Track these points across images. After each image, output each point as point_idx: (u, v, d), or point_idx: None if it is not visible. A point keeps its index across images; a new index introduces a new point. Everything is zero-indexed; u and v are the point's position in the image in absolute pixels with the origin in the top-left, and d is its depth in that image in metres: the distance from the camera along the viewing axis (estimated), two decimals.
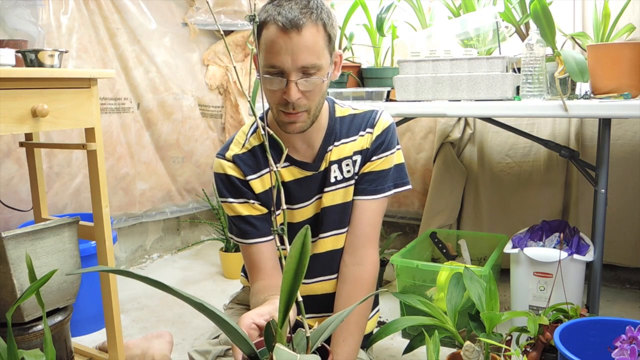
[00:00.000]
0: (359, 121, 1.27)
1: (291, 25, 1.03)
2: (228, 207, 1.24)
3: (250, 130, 1.26)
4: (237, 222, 1.24)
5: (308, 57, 1.06)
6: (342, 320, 0.82)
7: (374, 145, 1.25)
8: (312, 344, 0.76)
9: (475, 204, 2.44)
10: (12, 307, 1.08)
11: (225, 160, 1.23)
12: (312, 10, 1.06)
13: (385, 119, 1.27)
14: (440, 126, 2.43)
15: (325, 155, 1.25)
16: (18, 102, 1.24)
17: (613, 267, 2.28)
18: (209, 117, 2.99)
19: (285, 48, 1.04)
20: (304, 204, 1.27)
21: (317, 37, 1.06)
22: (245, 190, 1.22)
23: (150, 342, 1.71)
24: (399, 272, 1.86)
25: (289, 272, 0.71)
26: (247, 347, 0.76)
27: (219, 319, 0.72)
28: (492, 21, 1.73)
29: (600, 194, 1.62)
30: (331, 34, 1.10)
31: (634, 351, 1.01)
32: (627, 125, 2.12)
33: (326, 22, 1.08)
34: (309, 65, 1.06)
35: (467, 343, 1.26)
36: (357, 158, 1.26)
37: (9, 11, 1.62)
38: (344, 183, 1.26)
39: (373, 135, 1.25)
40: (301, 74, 1.07)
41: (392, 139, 1.27)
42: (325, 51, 1.09)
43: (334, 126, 1.25)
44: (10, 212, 2.08)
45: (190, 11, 2.82)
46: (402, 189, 1.28)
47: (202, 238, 3.08)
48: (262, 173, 1.23)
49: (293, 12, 1.04)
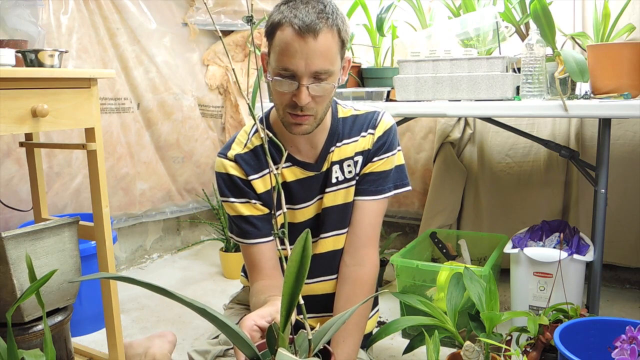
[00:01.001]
0: (360, 122, 1.27)
1: (308, 29, 1.02)
2: (229, 207, 1.24)
3: (253, 130, 1.26)
4: (238, 222, 1.24)
5: (322, 63, 1.05)
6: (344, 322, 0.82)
7: (375, 146, 1.25)
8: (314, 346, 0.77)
9: (475, 204, 2.44)
10: (12, 307, 1.08)
11: (227, 160, 1.23)
12: (329, 16, 1.05)
13: (387, 120, 1.27)
14: (440, 126, 2.43)
15: (327, 156, 1.25)
16: (18, 102, 1.24)
17: (613, 267, 2.28)
18: (209, 117, 2.99)
19: (300, 52, 1.04)
20: (306, 204, 1.27)
21: (331, 43, 1.06)
22: (247, 190, 1.22)
23: (152, 341, 1.71)
24: (399, 272, 1.86)
25: (290, 276, 0.71)
26: (249, 350, 0.76)
27: (221, 323, 0.72)
28: (492, 21, 1.73)
29: (600, 194, 1.62)
30: (345, 39, 1.10)
31: (634, 351, 1.01)
32: (627, 125, 2.12)
33: (341, 28, 1.08)
34: (322, 70, 1.06)
35: (467, 343, 1.26)
36: (359, 159, 1.26)
37: (9, 11, 1.62)
38: (345, 184, 1.26)
39: (375, 136, 1.25)
40: (313, 78, 1.07)
41: (393, 140, 1.27)
42: (338, 57, 1.09)
43: (336, 127, 1.25)
44: (10, 212, 2.08)
45: (190, 11, 2.82)
46: (402, 190, 1.29)
47: (202, 238, 3.08)
48: (264, 173, 1.22)
49: (310, 17, 1.03)
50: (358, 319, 1.23)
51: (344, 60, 1.14)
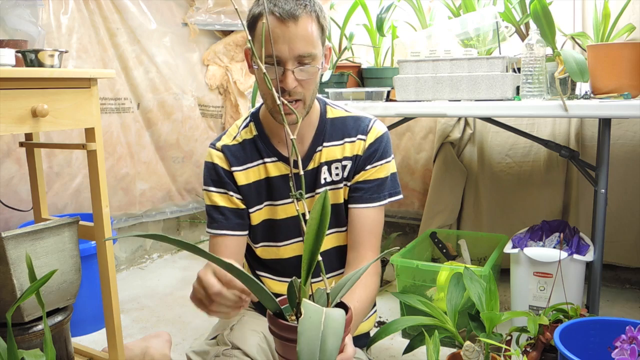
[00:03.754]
0: (350, 124, 1.28)
1: (288, 15, 1.07)
2: (207, 196, 1.26)
3: (243, 124, 1.29)
4: (211, 211, 1.26)
5: (304, 46, 1.09)
6: (359, 278, 0.85)
7: (367, 153, 1.26)
8: (331, 300, 0.79)
9: (475, 204, 2.44)
10: (12, 307, 1.08)
11: (215, 150, 1.26)
12: (307, 3, 1.10)
13: (379, 128, 1.28)
14: (440, 126, 2.43)
15: (314, 156, 1.26)
16: (18, 102, 1.24)
17: (613, 267, 2.28)
18: (209, 117, 2.99)
19: (282, 37, 1.08)
20: (288, 200, 1.28)
21: (312, 28, 1.11)
22: (227, 181, 1.24)
23: (149, 341, 1.72)
24: (399, 272, 1.86)
25: (311, 232, 0.74)
26: (272, 304, 0.78)
27: (247, 277, 0.75)
28: (492, 21, 1.73)
29: (600, 194, 1.62)
30: (324, 25, 1.15)
31: (634, 351, 1.01)
32: (627, 125, 2.12)
33: (319, 14, 1.13)
34: (305, 54, 1.10)
35: (467, 343, 1.26)
36: (347, 163, 1.26)
37: (9, 11, 1.62)
38: (332, 185, 1.27)
39: (366, 142, 1.26)
40: (297, 63, 1.10)
41: (386, 147, 1.28)
42: (319, 41, 1.13)
43: (324, 127, 1.26)
44: (10, 212, 2.08)
45: (190, 11, 2.82)
46: (395, 198, 1.30)
47: (202, 238, 3.08)
48: (247, 166, 1.25)
49: (289, 4, 1.08)
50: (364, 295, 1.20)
51: (324, 47, 1.18)
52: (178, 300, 2.30)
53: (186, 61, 2.85)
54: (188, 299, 0.96)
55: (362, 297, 1.20)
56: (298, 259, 1.27)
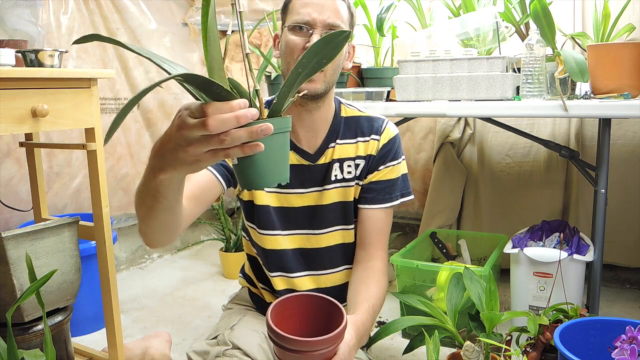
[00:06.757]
0: (364, 124, 1.29)
1: None
2: None
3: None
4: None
5: (334, 17, 1.14)
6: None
7: (380, 153, 1.28)
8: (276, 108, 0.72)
9: (475, 204, 2.44)
10: (12, 307, 1.08)
11: None
12: None
13: (392, 130, 1.31)
14: (440, 126, 2.43)
15: (326, 151, 1.27)
16: (18, 102, 1.24)
17: (613, 267, 2.28)
18: None
19: (314, 4, 1.13)
20: (299, 190, 1.28)
21: (343, 7, 1.16)
22: None
23: (149, 341, 1.71)
24: (399, 272, 1.85)
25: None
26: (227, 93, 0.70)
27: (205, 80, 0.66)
28: (492, 21, 1.73)
29: (600, 194, 1.62)
30: (353, 13, 1.20)
31: (634, 351, 1.01)
32: (627, 125, 2.11)
33: (349, 5, 1.19)
34: (335, 24, 1.13)
35: (467, 343, 1.26)
36: (361, 162, 1.28)
37: (9, 11, 1.62)
38: (343, 183, 1.27)
39: (380, 143, 1.28)
40: (325, 31, 1.13)
41: (398, 148, 1.31)
42: (348, 25, 1.18)
43: (338, 124, 1.28)
44: (10, 212, 2.08)
45: (190, 11, 2.82)
46: (407, 198, 1.32)
47: (202, 238, 3.08)
48: None
49: None
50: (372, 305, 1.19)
51: (349, 45, 1.22)
52: (178, 300, 2.30)
53: (186, 61, 2.84)
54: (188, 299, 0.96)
55: (377, 295, 1.22)
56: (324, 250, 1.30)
